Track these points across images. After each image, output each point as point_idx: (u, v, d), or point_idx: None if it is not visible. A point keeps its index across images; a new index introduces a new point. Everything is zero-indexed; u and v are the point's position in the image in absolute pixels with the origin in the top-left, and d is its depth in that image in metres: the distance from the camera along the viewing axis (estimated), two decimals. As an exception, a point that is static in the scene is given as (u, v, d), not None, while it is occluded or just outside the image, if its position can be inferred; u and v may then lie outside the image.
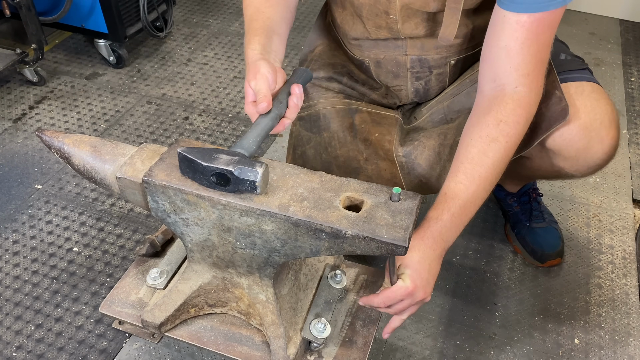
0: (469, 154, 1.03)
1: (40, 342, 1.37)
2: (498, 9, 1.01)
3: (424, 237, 0.98)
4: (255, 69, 0.98)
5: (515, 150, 1.05)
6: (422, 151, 1.26)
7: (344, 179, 0.91)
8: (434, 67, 1.24)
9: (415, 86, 1.29)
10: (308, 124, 1.34)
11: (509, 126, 1.02)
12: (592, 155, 1.16)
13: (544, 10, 0.97)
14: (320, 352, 1.07)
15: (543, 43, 1.02)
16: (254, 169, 0.83)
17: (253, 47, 1.04)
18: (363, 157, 1.29)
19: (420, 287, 0.97)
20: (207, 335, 1.08)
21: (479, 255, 1.59)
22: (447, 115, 1.28)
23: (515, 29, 0.99)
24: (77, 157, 0.99)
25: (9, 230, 1.65)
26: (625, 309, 1.45)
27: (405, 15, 1.15)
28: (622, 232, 1.65)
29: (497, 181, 1.05)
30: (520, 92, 1.03)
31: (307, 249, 0.88)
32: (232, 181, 0.85)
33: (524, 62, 1.01)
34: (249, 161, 0.85)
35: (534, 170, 1.33)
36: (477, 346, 1.37)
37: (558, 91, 1.12)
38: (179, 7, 2.84)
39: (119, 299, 1.14)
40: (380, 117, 1.32)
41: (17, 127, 2.05)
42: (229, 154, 0.86)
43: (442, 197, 1.01)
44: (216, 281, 1.05)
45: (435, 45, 1.20)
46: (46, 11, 2.23)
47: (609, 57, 2.46)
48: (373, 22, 1.19)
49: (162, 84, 2.30)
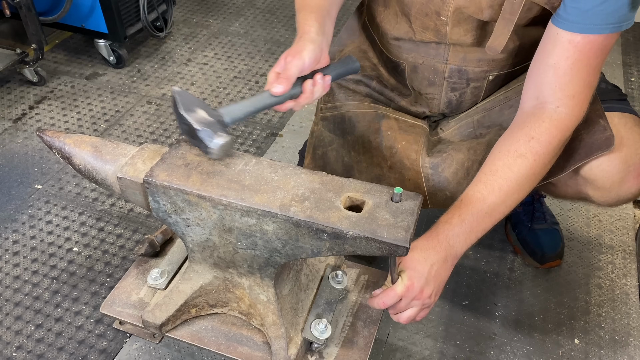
0: (494, 166, 1.01)
1: (40, 342, 1.37)
2: (552, 26, 0.99)
3: (429, 238, 0.97)
4: (300, 48, 0.96)
5: (544, 171, 1.03)
6: (450, 164, 1.22)
7: (345, 179, 0.91)
8: (472, 79, 1.21)
9: (449, 97, 1.26)
10: (332, 125, 1.31)
11: (540, 144, 1.00)
12: (626, 189, 1.13)
13: (599, 33, 0.95)
14: (321, 352, 1.07)
15: (593, 67, 0.99)
16: (213, 137, 0.88)
17: (310, 23, 1.02)
18: (387, 165, 1.26)
19: (417, 287, 0.96)
20: (208, 335, 1.08)
21: (479, 255, 1.59)
22: (476, 130, 1.25)
23: (567, 48, 0.97)
24: (78, 157, 0.99)
25: (9, 230, 1.65)
26: (625, 309, 1.45)
27: (456, 19, 1.11)
28: (622, 232, 1.65)
29: (521, 199, 1.02)
30: (560, 112, 1.01)
31: (308, 249, 0.88)
32: (196, 138, 0.90)
33: (571, 82, 0.99)
34: (219, 127, 0.89)
35: (555, 194, 1.30)
36: (477, 346, 1.37)
37: (603, 120, 1.10)
38: (179, 7, 2.84)
39: (120, 299, 1.14)
40: (407, 125, 1.28)
41: (17, 127, 2.05)
42: (209, 112, 0.91)
43: (457, 203, 1.00)
44: (217, 281, 1.05)
45: (478, 58, 1.17)
46: (46, 11, 2.23)
47: (609, 57, 2.46)
48: (421, 22, 1.15)
49: (162, 84, 2.30)
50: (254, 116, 2.06)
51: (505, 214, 1.02)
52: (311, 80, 0.98)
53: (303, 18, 1.04)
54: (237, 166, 0.92)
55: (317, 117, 1.36)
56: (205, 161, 0.93)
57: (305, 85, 0.97)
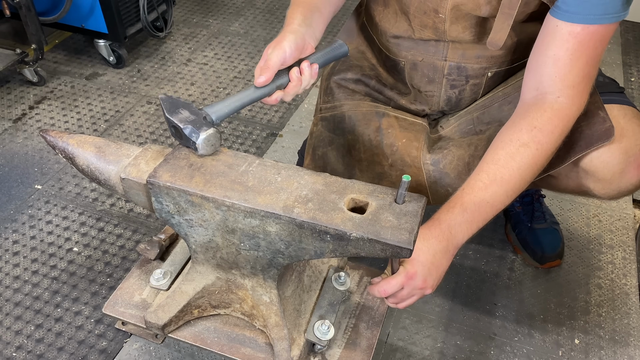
0: (496, 155, 1.01)
1: (40, 342, 1.37)
2: (550, 18, 0.99)
3: (431, 227, 0.97)
4: (280, 39, 0.98)
5: (546, 161, 1.03)
6: (451, 160, 1.23)
7: (349, 180, 0.91)
8: (471, 76, 1.22)
9: (449, 94, 1.26)
10: (332, 125, 1.31)
11: (543, 134, 1.00)
12: (627, 180, 1.13)
13: (599, 23, 0.95)
14: (323, 354, 1.07)
15: (592, 57, 1.00)
16: (199, 132, 0.91)
17: (293, 16, 1.05)
18: (388, 163, 1.26)
19: (420, 275, 0.96)
20: (210, 336, 1.08)
21: (479, 255, 1.59)
22: (476, 127, 1.25)
23: (567, 39, 0.97)
24: (81, 157, 0.99)
25: (9, 230, 1.65)
26: (625, 309, 1.46)
27: (455, 16, 1.12)
28: (622, 232, 1.66)
29: (522, 189, 1.02)
30: (561, 102, 1.01)
31: (311, 250, 0.88)
32: (183, 137, 0.93)
33: (571, 73, 1.00)
34: (203, 122, 0.92)
35: (556, 188, 1.30)
36: (477, 346, 1.37)
37: (602, 112, 1.10)
38: (179, 7, 2.84)
39: (123, 299, 1.14)
40: (407, 123, 1.29)
41: (17, 127, 2.05)
42: (193, 112, 0.93)
43: (459, 192, 1.00)
44: (220, 282, 1.05)
45: (477, 55, 1.18)
46: (46, 11, 2.22)
47: (609, 57, 2.47)
48: (419, 20, 1.16)
49: (162, 84, 2.30)
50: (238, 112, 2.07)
51: (507, 204, 1.02)
52: (297, 68, 0.99)
53: (290, 12, 1.08)
54: (240, 167, 0.92)
55: (316, 118, 1.36)
56: (208, 162, 0.93)
57: (292, 74, 0.99)
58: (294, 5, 1.10)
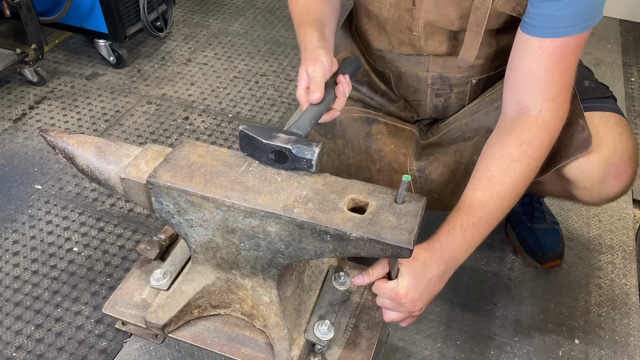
0: (489, 172, 1.01)
1: (40, 342, 1.37)
2: (520, 32, 0.99)
3: (432, 250, 0.96)
4: (314, 56, 0.99)
5: (535, 174, 1.03)
6: (436, 167, 1.24)
7: (349, 180, 0.91)
8: (455, 85, 1.23)
9: (435, 102, 1.27)
10: (323, 129, 1.32)
11: (532, 148, 1.00)
12: (607, 189, 1.14)
13: (567, 35, 0.95)
14: (323, 354, 1.07)
15: (567, 67, 0.99)
16: (311, 148, 0.88)
17: (310, 34, 1.05)
18: (376, 168, 1.27)
19: (410, 299, 0.94)
20: (210, 336, 1.08)
21: (479, 255, 1.59)
22: (464, 133, 1.26)
23: (539, 54, 0.97)
24: (81, 157, 0.99)
25: (9, 230, 1.65)
26: (625, 309, 1.46)
27: (429, 32, 1.13)
28: (622, 232, 1.66)
29: (515, 203, 1.02)
30: (545, 115, 1.01)
31: (311, 250, 0.88)
32: (289, 159, 0.89)
33: (548, 85, 0.99)
34: (305, 141, 0.89)
35: (543, 192, 1.30)
36: (477, 346, 1.37)
37: (581, 120, 1.10)
38: (179, 7, 2.84)
39: (123, 299, 1.14)
40: (397, 130, 1.31)
41: (17, 127, 2.05)
42: (287, 133, 0.91)
43: (456, 212, 0.99)
44: (220, 282, 1.05)
45: (457, 65, 1.17)
46: (46, 11, 2.22)
47: (609, 57, 2.47)
48: (397, 37, 1.18)
49: (162, 84, 2.30)
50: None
51: (502, 218, 1.02)
52: (339, 85, 1.01)
53: (303, 32, 1.08)
54: (240, 167, 0.92)
55: None
56: (208, 162, 0.93)
57: (338, 91, 1.00)
58: (305, 24, 1.10)
